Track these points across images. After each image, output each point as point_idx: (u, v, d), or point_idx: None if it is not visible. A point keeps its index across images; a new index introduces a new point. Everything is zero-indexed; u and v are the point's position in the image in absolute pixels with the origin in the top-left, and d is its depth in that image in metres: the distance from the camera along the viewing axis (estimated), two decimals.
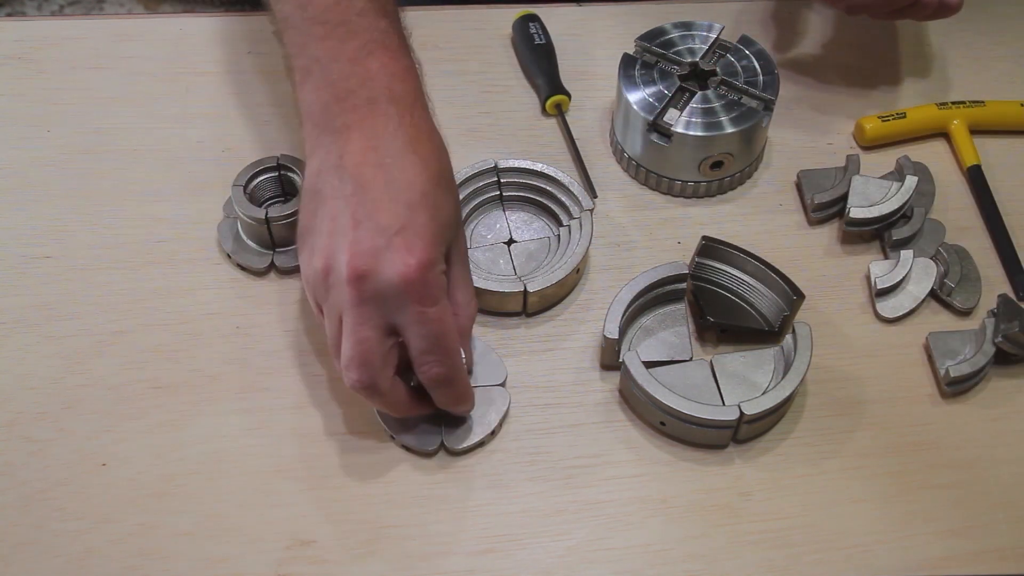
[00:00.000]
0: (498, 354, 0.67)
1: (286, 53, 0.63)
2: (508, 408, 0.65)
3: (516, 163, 0.73)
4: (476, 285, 0.67)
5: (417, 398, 0.61)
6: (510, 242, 0.72)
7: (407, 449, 0.63)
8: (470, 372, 0.65)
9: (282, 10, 0.63)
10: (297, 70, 0.61)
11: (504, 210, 0.74)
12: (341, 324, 0.57)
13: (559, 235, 0.72)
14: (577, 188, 0.72)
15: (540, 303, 0.70)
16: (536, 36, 0.83)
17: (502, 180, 0.73)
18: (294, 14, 0.62)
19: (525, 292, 0.67)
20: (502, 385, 0.65)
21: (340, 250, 0.55)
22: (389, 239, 0.55)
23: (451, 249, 0.59)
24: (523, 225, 0.73)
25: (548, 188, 0.73)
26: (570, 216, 0.71)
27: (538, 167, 0.72)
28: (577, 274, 0.70)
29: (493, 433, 0.64)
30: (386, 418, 0.63)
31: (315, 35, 0.60)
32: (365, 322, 0.56)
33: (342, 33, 0.59)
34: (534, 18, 0.84)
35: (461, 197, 0.71)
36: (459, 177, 0.71)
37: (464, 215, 0.72)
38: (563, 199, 0.72)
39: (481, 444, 0.64)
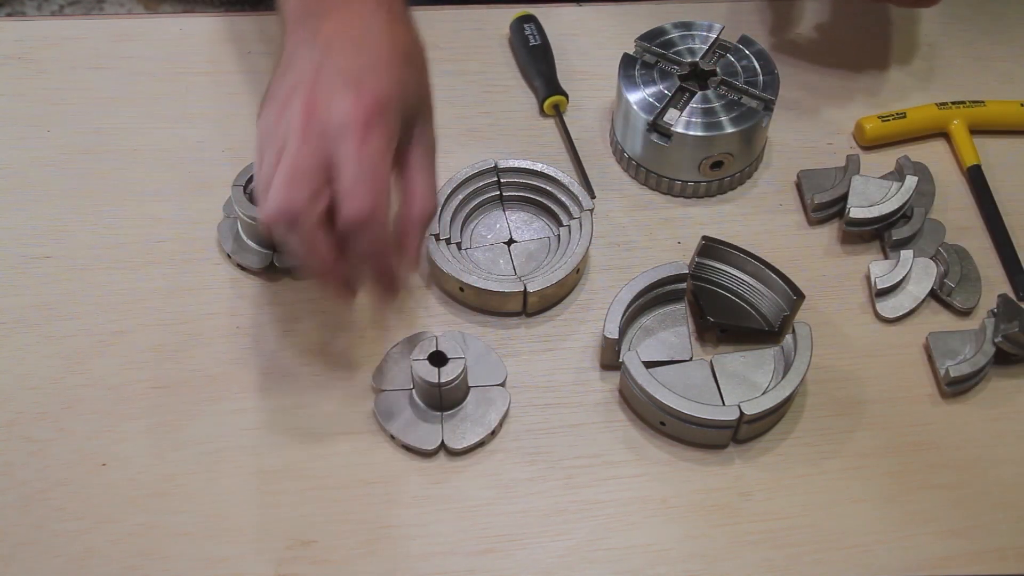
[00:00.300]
0: (498, 354, 0.67)
1: None
2: (508, 408, 0.65)
3: (516, 163, 0.73)
4: (476, 285, 0.67)
5: (335, 261, 0.58)
6: (510, 242, 0.72)
7: (407, 449, 0.63)
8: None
9: None
10: None
11: (504, 210, 0.74)
12: (279, 161, 0.56)
13: (559, 235, 0.72)
14: (577, 188, 0.72)
15: (540, 303, 0.70)
16: (532, 37, 0.83)
17: (502, 180, 0.73)
18: None
19: (525, 292, 0.67)
20: (502, 385, 0.65)
21: (297, 96, 0.56)
22: (344, 82, 0.56)
23: (414, 133, 0.60)
24: (523, 225, 0.73)
25: (548, 188, 0.73)
26: (570, 216, 0.71)
27: (538, 167, 0.73)
28: (577, 274, 0.70)
29: (493, 433, 0.64)
30: (386, 418, 0.63)
31: None
32: (304, 147, 0.55)
33: None
34: (530, 19, 0.84)
35: (462, 197, 0.71)
36: (459, 177, 0.71)
37: (464, 215, 0.72)
38: (563, 199, 0.72)
39: (481, 444, 0.64)
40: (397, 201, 0.59)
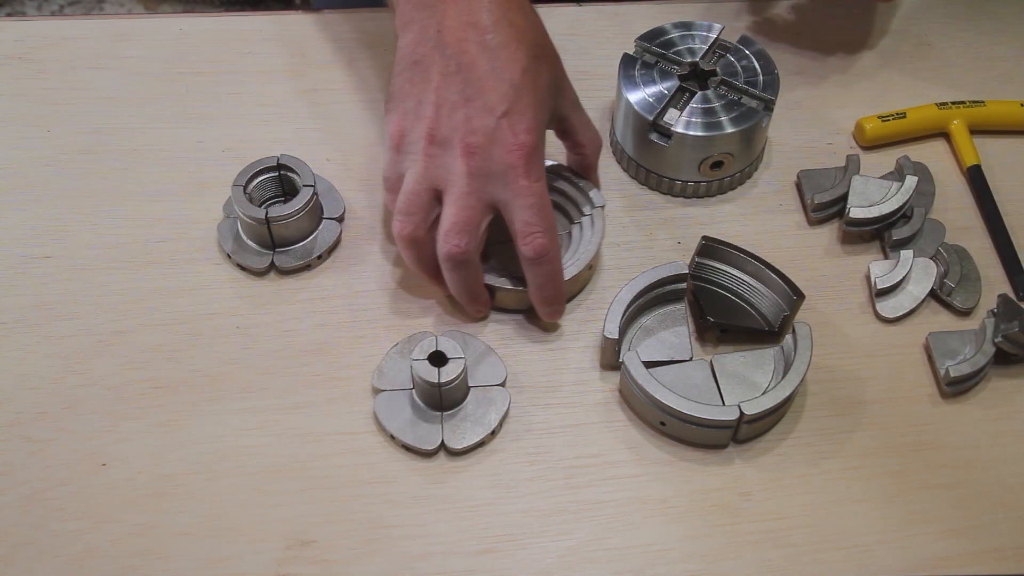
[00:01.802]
0: (498, 354, 0.67)
1: None
2: (508, 408, 0.65)
3: None
4: (489, 283, 0.67)
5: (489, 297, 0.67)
6: None
7: (407, 449, 0.63)
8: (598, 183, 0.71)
9: None
10: None
11: None
12: (403, 182, 0.63)
13: (570, 232, 0.72)
14: (588, 185, 0.72)
15: None
16: None
17: None
18: None
19: None
20: (502, 385, 0.65)
21: (450, 125, 0.61)
22: (497, 120, 0.61)
23: (562, 106, 0.66)
24: None
25: (559, 186, 0.73)
26: (581, 213, 0.71)
27: (549, 164, 0.72)
28: (590, 271, 0.70)
29: (493, 433, 0.64)
30: (386, 418, 0.63)
31: None
32: (473, 193, 0.61)
33: None
34: None
35: None
36: None
37: None
38: (574, 196, 0.72)
39: (481, 444, 0.64)
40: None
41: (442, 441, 0.63)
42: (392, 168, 0.64)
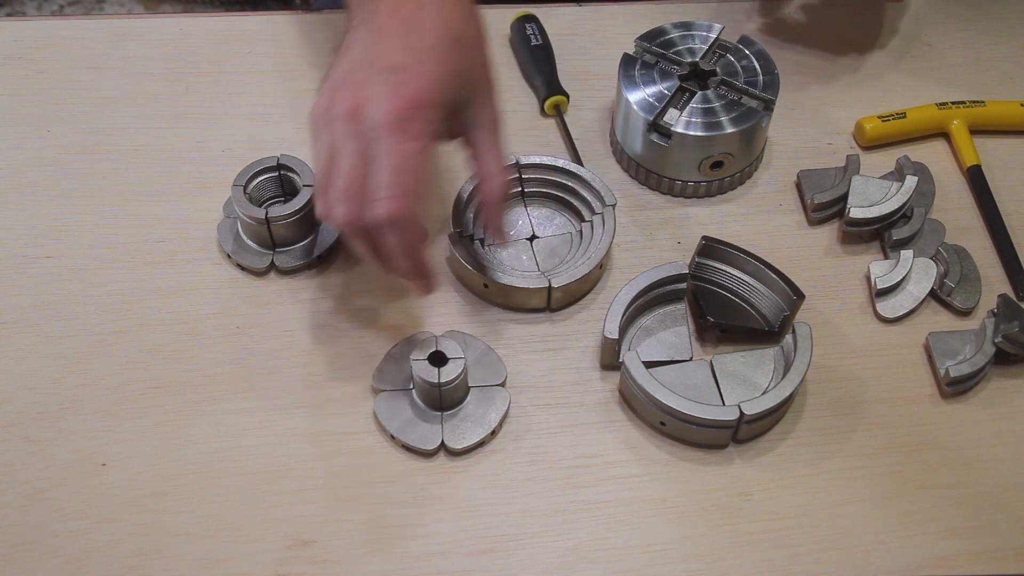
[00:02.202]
0: (497, 354, 0.67)
1: None
2: (508, 408, 0.65)
3: (538, 159, 0.73)
4: (500, 281, 0.67)
5: (396, 256, 0.60)
6: (532, 238, 0.72)
7: (407, 449, 0.63)
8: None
9: None
10: None
11: (526, 206, 0.74)
12: (330, 161, 0.58)
13: (581, 231, 0.72)
14: (599, 183, 0.72)
15: (564, 298, 0.70)
16: (533, 37, 0.83)
17: (524, 176, 0.73)
18: None
19: (550, 288, 0.67)
20: (502, 385, 0.65)
21: (345, 87, 0.58)
22: (388, 75, 0.57)
23: (472, 112, 0.61)
24: (545, 221, 0.74)
25: (569, 184, 0.73)
26: (592, 212, 0.72)
27: (560, 163, 0.73)
28: (600, 269, 0.70)
29: (493, 433, 0.64)
30: (386, 418, 0.63)
31: None
32: (355, 154, 0.57)
33: None
34: (531, 19, 0.84)
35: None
36: None
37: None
38: (585, 195, 0.72)
39: (481, 444, 0.64)
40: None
41: (442, 441, 0.63)
42: (314, 153, 0.60)
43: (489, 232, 0.64)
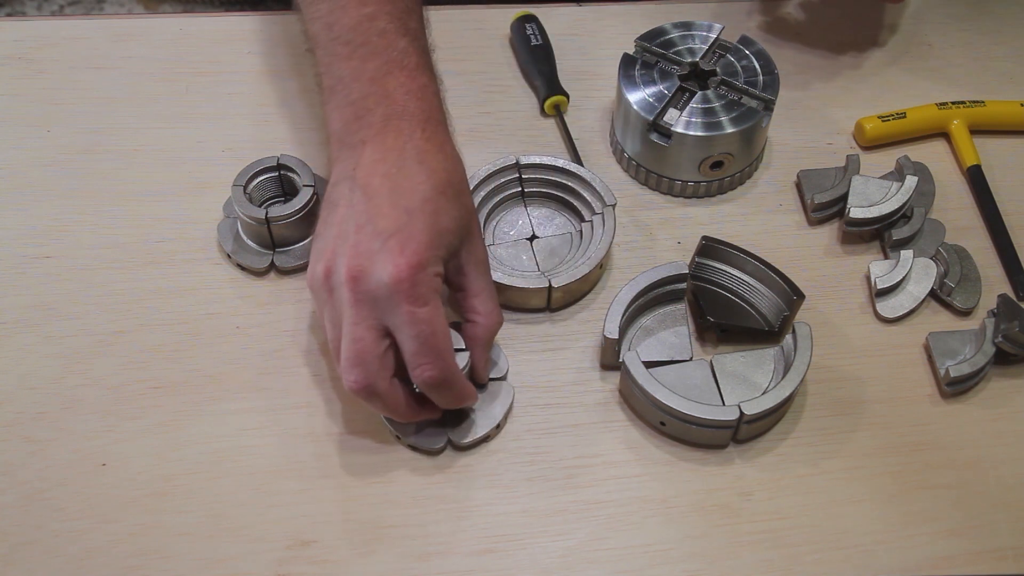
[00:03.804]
0: (500, 347, 0.67)
1: (316, 71, 0.65)
2: (513, 401, 0.64)
3: (538, 159, 0.73)
4: (500, 281, 0.67)
5: (419, 402, 0.61)
6: (532, 238, 0.72)
7: (413, 448, 0.63)
8: (484, 386, 0.65)
9: (311, 29, 0.66)
10: (324, 89, 0.64)
11: (526, 206, 0.74)
12: (337, 328, 0.58)
13: (581, 231, 0.72)
14: (599, 183, 0.72)
15: (564, 298, 0.70)
16: (533, 37, 0.83)
17: (523, 176, 0.73)
18: (321, 34, 0.64)
19: (550, 288, 0.67)
20: (504, 379, 0.65)
21: (341, 254, 0.57)
22: (384, 241, 0.57)
23: (463, 257, 0.61)
24: (545, 221, 0.74)
25: (569, 184, 0.73)
26: (592, 212, 0.72)
27: (560, 163, 0.73)
28: (600, 269, 0.70)
29: (498, 427, 0.64)
30: (391, 419, 0.63)
31: (339, 55, 0.63)
32: (360, 322, 0.57)
33: (363, 53, 0.62)
34: (531, 19, 0.84)
35: (484, 194, 0.72)
36: (480, 174, 0.71)
37: (486, 212, 0.72)
38: (584, 195, 0.72)
39: (487, 438, 0.64)
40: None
41: (448, 438, 0.63)
42: (320, 318, 0.61)
43: (474, 373, 0.64)
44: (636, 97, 0.74)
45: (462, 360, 0.62)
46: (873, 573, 0.60)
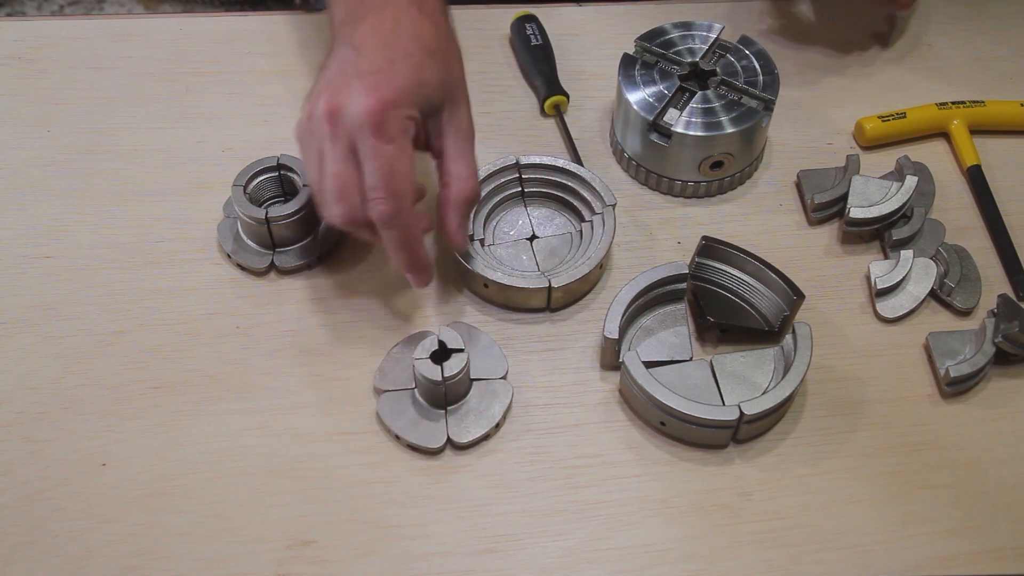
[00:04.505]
0: (499, 346, 0.67)
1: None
2: (511, 400, 0.65)
3: (538, 159, 0.73)
4: (500, 281, 0.67)
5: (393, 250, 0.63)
6: (532, 238, 0.72)
7: (412, 448, 0.63)
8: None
9: None
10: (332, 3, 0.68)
11: (526, 206, 0.74)
12: (319, 164, 0.61)
13: (581, 231, 0.72)
14: (599, 183, 0.72)
15: (564, 298, 0.70)
16: (533, 37, 0.83)
17: (523, 176, 0.73)
18: None
19: (549, 288, 0.67)
20: (504, 378, 0.65)
21: (322, 94, 0.61)
22: (362, 79, 0.60)
23: (444, 119, 0.64)
24: (545, 221, 0.74)
25: (569, 184, 0.73)
26: (592, 212, 0.72)
27: (560, 163, 0.73)
28: (600, 269, 0.70)
29: (497, 426, 0.64)
30: (390, 418, 0.63)
31: None
32: (339, 157, 0.60)
33: None
34: (531, 19, 0.84)
35: (483, 194, 0.71)
36: (480, 174, 0.71)
37: (486, 212, 0.72)
38: (585, 195, 0.72)
39: (486, 438, 0.64)
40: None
41: (448, 437, 0.63)
42: (305, 162, 0.63)
43: (445, 235, 0.65)
44: (636, 97, 0.74)
45: (461, 361, 0.62)
46: (873, 573, 0.60)
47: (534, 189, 0.74)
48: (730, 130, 0.72)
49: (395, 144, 0.59)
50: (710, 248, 0.69)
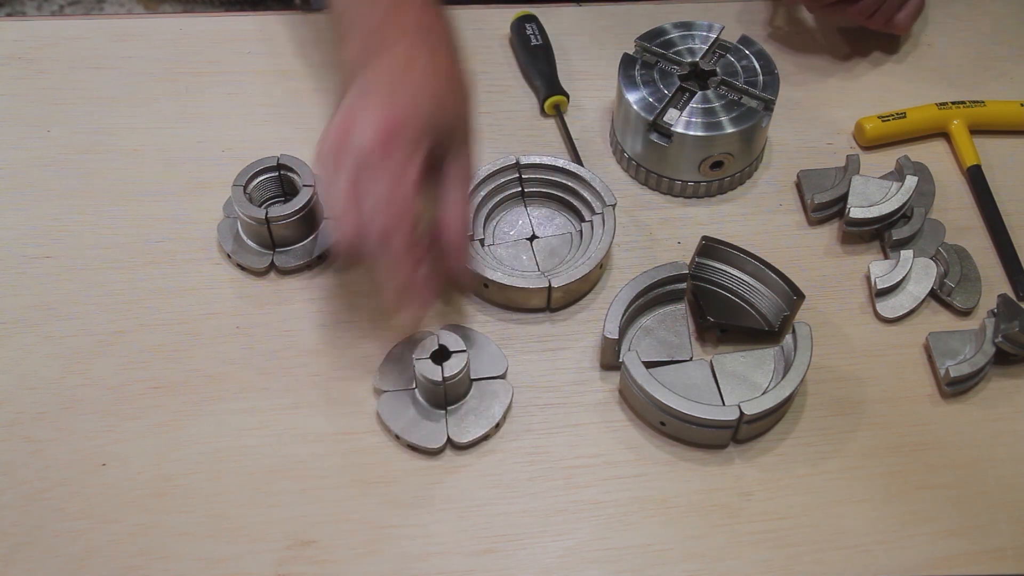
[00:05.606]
0: (497, 346, 0.67)
1: (333, 19, 0.68)
2: (511, 400, 0.65)
3: (538, 159, 0.73)
4: (500, 281, 0.67)
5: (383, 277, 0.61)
6: (532, 238, 0.72)
7: (413, 448, 0.63)
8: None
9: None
10: (340, 35, 0.67)
11: (526, 206, 0.74)
12: (330, 185, 0.60)
13: (581, 231, 0.72)
14: (599, 183, 0.72)
15: (564, 298, 0.70)
16: (533, 37, 0.83)
17: (523, 176, 0.73)
18: None
19: (549, 288, 0.67)
20: (503, 377, 0.65)
21: (337, 121, 0.60)
22: (374, 105, 0.60)
23: (449, 153, 0.62)
24: (545, 221, 0.74)
25: (569, 184, 0.73)
26: (592, 212, 0.72)
27: (560, 163, 0.73)
28: (600, 269, 0.70)
29: (497, 426, 0.64)
30: (390, 419, 0.63)
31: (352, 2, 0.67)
32: (345, 179, 0.59)
33: None
34: (531, 19, 0.84)
35: (484, 194, 0.72)
36: (481, 174, 0.71)
37: (486, 212, 0.72)
38: (584, 194, 0.72)
39: (486, 438, 0.64)
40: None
41: (448, 436, 0.63)
42: (325, 199, 0.64)
43: (451, 280, 0.65)
44: (636, 97, 0.74)
45: (460, 362, 0.62)
46: (873, 573, 0.60)
47: (534, 189, 0.74)
48: (730, 130, 0.72)
49: (400, 170, 0.58)
50: (710, 248, 0.69)
